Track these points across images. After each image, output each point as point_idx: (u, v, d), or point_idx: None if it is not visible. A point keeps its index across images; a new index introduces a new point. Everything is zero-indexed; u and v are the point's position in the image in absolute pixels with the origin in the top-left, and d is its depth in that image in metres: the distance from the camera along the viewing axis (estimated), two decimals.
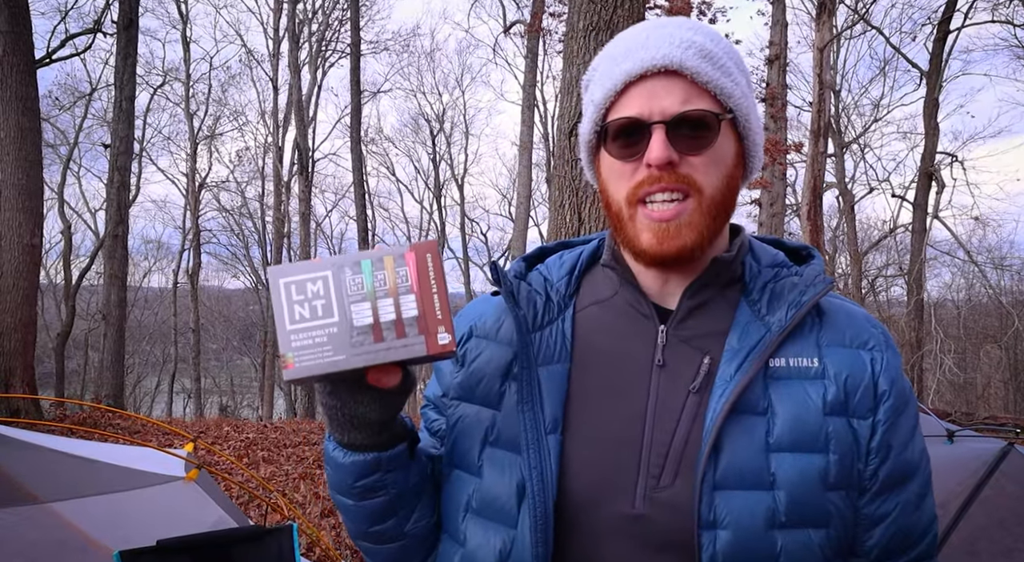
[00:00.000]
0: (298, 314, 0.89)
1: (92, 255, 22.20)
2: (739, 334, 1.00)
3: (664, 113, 0.97)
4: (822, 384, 0.98)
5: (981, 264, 21.53)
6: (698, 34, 1.00)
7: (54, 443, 3.25)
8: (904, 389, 1.01)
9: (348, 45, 20.37)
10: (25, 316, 9.62)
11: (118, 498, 3.01)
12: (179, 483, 3.09)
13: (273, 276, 0.90)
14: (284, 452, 8.89)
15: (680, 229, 0.99)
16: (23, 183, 9.60)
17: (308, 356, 0.88)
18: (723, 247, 1.07)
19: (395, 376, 0.93)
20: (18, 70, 9.64)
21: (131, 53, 13.95)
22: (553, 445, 1.00)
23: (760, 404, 0.97)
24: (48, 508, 2.99)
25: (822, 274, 1.05)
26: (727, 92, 0.99)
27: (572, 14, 5.08)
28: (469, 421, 1.08)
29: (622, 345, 1.05)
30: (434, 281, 0.90)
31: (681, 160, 0.98)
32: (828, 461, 0.95)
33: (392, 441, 1.03)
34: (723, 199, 1.01)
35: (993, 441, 3.31)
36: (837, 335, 1.01)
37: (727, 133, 1.01)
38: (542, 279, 1.14)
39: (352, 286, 0.89)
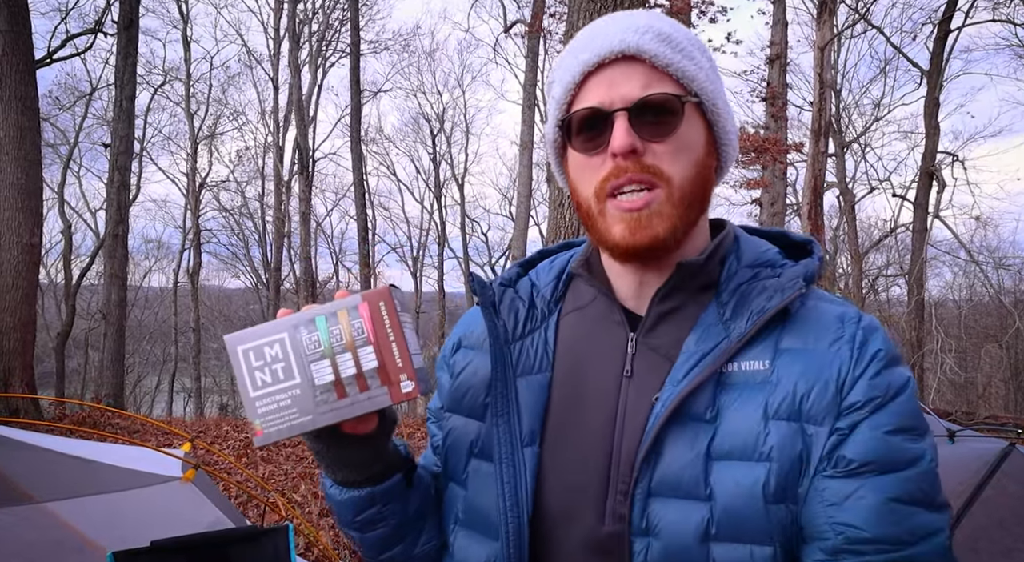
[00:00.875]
0: (260, 380, 0.89)
1: (92, 255, 22.20)
2: (697, 337, 0.95)
3: (625, 99, 0.93)
4: (769, 387, 0.90)
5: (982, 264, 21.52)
6: (656, 20, 0.96)
7: (51, 443, 3.24)
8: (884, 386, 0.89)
9: (348, 45, 20.35)
10: (24, 316, 9.61)
11: (114, 498, 3.00)
12: (176, 483, 3.09)
13: (231, 344, 0.90)
14: (283, 451, 8.88)
15: (651, 218, 0.94)
16: (22, 182, 9.60)
17: (275, 421, 0.88)
18: (700, 245, 1.02)
19: (371, 422, 0.94)
20: (17, 70, 9.63)
21: (131, 53, 13.95)
22: (529, 458, 0.98)
23: (707, 411, 0.91)
24: (45, 508, 2.98)
25: (800, 278, 0.96)
26: (689, 75, 0.95)
27: (572, 13, 5.07)
28: (457, 433, 1.07)
29: (596, 354, 1.02)
30: (390, 329, 0.90)
31: (646, 148, 0.94)
32: (768, 471, 0.87)
33: (385, 474, 1.03)
34: (694, 188, 0.96)
35: (994, 441, 3.30)
36: (798, 336, 0.93)
37: (694, 118, 0.97)
38: (529, 285, 1.12)
39: (309, 345, 0.89)
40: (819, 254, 1.02)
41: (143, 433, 9.17)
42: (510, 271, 1.16)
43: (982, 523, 3.00)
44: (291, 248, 25.36)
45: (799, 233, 1.09)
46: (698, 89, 0.96)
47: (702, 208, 0.99)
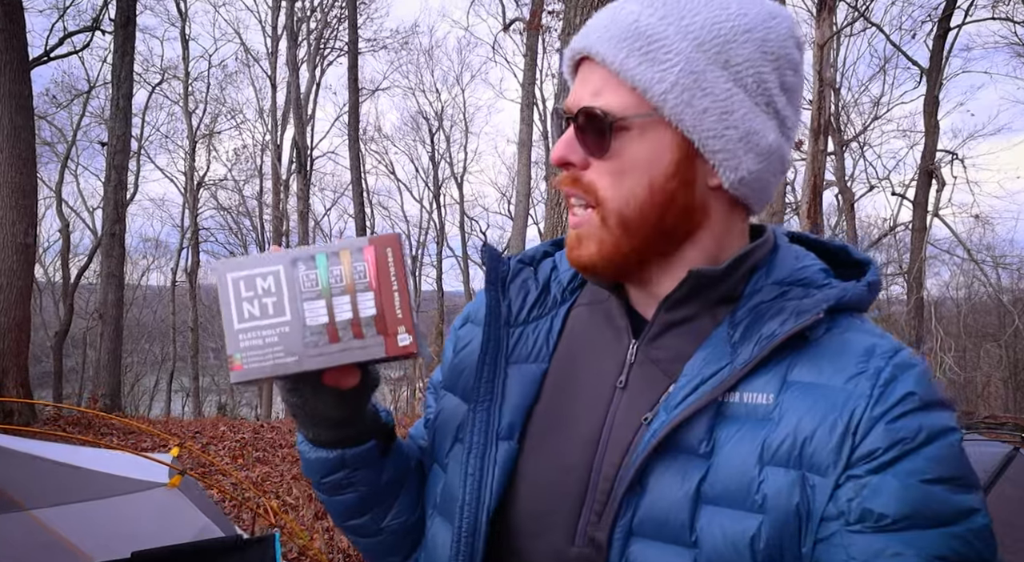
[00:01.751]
0: (247, 312, 0.82)
1: (90, 254, 22.14)
2: (701, 360, 0.84)
3: (578, 105, 0.85)
4: (769, 425, 0.78)
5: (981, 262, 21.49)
6: (648, 7, 0.83)
7: (39, 449, 3.20)
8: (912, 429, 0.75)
9: (346, 43, 20.30)
10: (19, 316, 9.57)
11: (100, 505, 2.95)
12: (161, 490, 3.03)
13: (220, 271, 0.83)
14: (279, 452, 8.83)
15: (580, 240, 0.87)
16: (16, 182, 9.56)
17: (256, 357, 0.81)
18: (715, 253, 0.88)
19: (354, 377, 0.85)
20: (12, 68, 9.60)
21: (128, 51, 13.91)
22: (503, 453, 0.90)
23: (702, 445, 0.80)
24: (32, 515, 2.95)
25: (828, 302, 0.82)
26: (644, 84, 0.81)
27: (569, 10, 5.01)
28: (448, 413, 1.01)
29: (596, 357, 0.93)
30: (395, 278, 0.82)
31: (589, 163, 0.85)
32: (760, 524, 0.75)
33: (359, 438, 0.95)
34: (642, 215, 0.83)
35: (998, 445, 3.26)
36: (812, 367, 0.80)
37: (652, 134, 0.83)
38: (550, 268, 1.03)
39: (306, 282, 0.82)
40: (871, 278, 0.87)
41: (139, 434, 9.12)
42: (538, 248, 1.07)
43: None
44: (289, 247, 25.22)
45: (861, 252, 0.94)
46: (657, 101, 0.81)
47: (664, 234, 0.86)
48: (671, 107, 0.81)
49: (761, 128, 0.84)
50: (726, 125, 0.83)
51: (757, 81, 0.83)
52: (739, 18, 0.83)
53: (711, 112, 0.82)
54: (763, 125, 0.85)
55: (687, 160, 0.84)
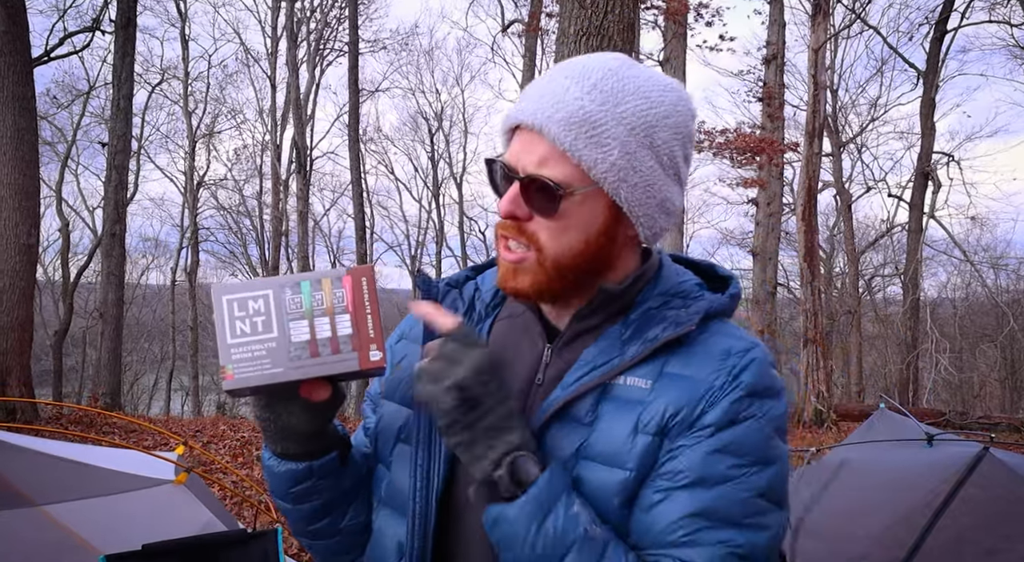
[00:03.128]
0: (239, 329, 0.94)
1: (90, 253, 22.21)
2: (596, 350, 1.04)
3: (523, 169, 1.00)
4: (644, 404, 0.99)
5: (977, 263, 21.60)
6: (588, 94, 0.98)
7: (47, 447, 3.29)
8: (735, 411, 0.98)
9: (346, 43, 20.38)
10: (21, 316, 9.64)
11: (108, 501, 3.05)
12: (168, 486, 3.14)
13: (216, 293, 0.95)
14: None
15: (518, 274, 1.03)
16: (19, 183, 9.62)
17: (247, 368, 0.93)
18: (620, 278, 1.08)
19: (325, 391, 0.99)
20: (15, 70, 9.66)
21: (129, 51, 13.97)
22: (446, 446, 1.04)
23: (587, 416, 1.00)
24: (42, 511, 3.03)
25: (701, 313, 1.04)
26: (588, 163, 0.97)
27: (563, 19, 5.12)
28: (389, 419, 1.16)
29: (518, 360, 1.10)
30: (368, 303, 0.97)
31: (531, 216, 1.01)
32: (626, 479, 0.97)
33: (323, 450, 1.09)
34: (575, 261, 1.02)
35: (970, 445, 3.36)
36: (684, 364, 1.01)
37: (591, 201, 1.00)
38: (473, 289, 1.20)
39: (291, 305, 0.95)
40: (733, 291, 1.10)
41: (140, 432, 9.22)
42: (460, 273, 1.25)
43: (967, 523, 3.07)
44: (289, 247, 25.37)
45: (725, 268, 1.18)
46: (598, 177, 0.98)
47: (587, 273, 1.04)
48: (610, 183, 0.99)
49: (672, 195, 1.06)
50: (648, 195, 1.03)
51: (670, 157, 1.04)
52: (659, 106, 1.01)
53: (639, 186, 1.01)
54: (673, 193, 1.06)
55: (615, 220, 1.04)
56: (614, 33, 4.80)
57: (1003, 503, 3.12)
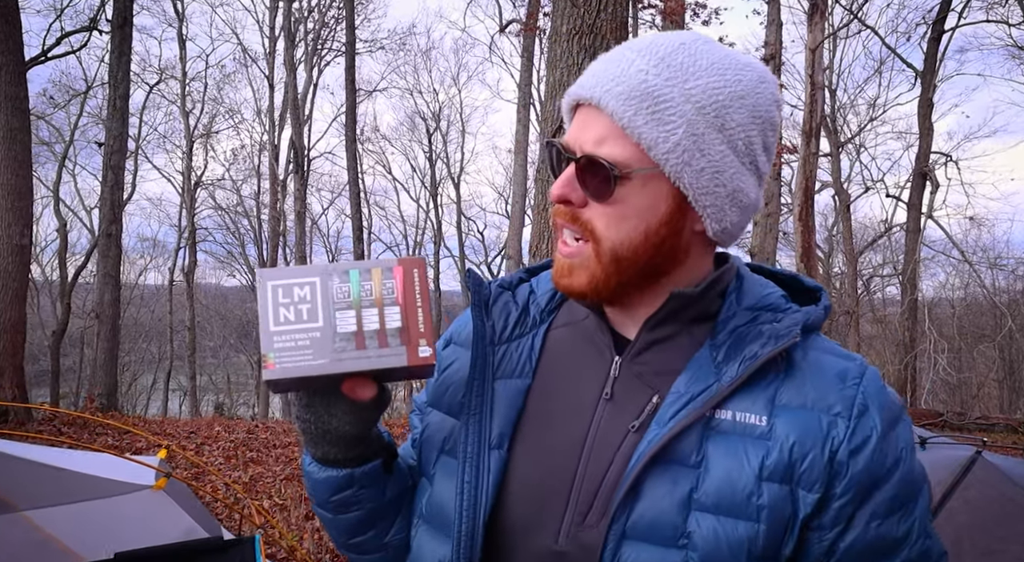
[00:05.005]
0: (283, 316, 0.89)
1: (87, 253, 22.12)
2: (688, 378, 0.93)
3: (581, 148, 0.92)
4: (765, 446, 0.88)
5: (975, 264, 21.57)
6: (655, 67, 0.89)
7: (27, 452, 3.27)
8: (881, 461, 0.89)
9: (344, 43, 20.33)
10: (15, 317, 9.60)
11: (87, 506, 3.01)
12: (147, 492, 3.10)
13: (261, 278, 0.90)
14: (273, 453, 8.89)
15: (573, 269, 0.95)
16: (12, 183, 9.57)
17: (289, 357, 0.87)
18: (692, 280, 0.98)
19: (370, 389, 0.92)
20: (8, 70, 9.61)
21: (125, 51, 13.93)
22: (495, 461, 0.97)
23: (692, 456, 0.89)
24: (25, 516, 3.01)
25: (799, 325, 0.93)
26: (648, 142, 0.88)
27: (555, 18, 5.08)
28: (434, 428, 1.07)
29: (579, 372, 1.01)
30: (419, 296, 0.91)
31: (587, 202, 0.92)
32: (756, 531, 0.86)
33: (366, 457, 1.02)
34: (635, 256, 0.92)
35: (964, 448, 3.34)
36: (797, 393, 0.90)
37: (651, 186, 0.90)
38: (527, 292, 1.12)
39: (339, 293, 0.90)
40: (825, 303, 0.99)
41: (134, 434, 9.18)
42: (514, 275, 1.16)
43: (964, 523, 3.08)
44: (286, 247, 25.34)
45: (811, 279, 1.06)
46: (659, 158, 0.88)
47: (648, 269, 0.94)
48: (672, 165, 0.89)
49: (745, 186, 0.94)
50: (717, 183, 0.91)
51: (746, 143, 0.92)
52: (735, 85, 0.90)
53: (706, 171, 0.90)
54: (747, 183, 0.94)
55: (679, 210, 0.93)
56: (607, 31, 4.75)
57: (996, 505, 3.12)
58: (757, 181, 0.96)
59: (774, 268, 1.08)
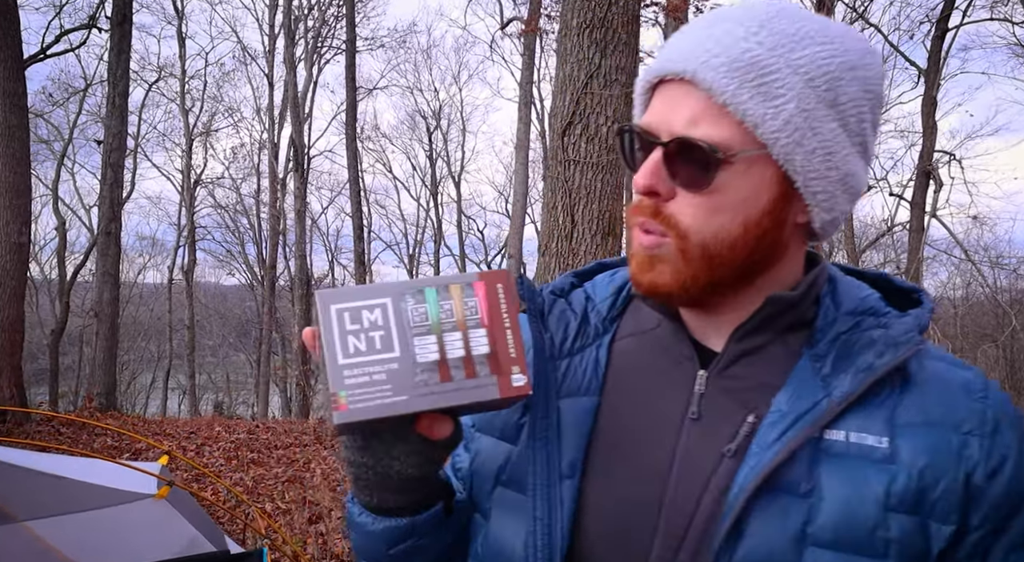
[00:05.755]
0: (352, 346, 0.75)
1: (86, 252, 22.05)
2: (791, 394, 0.81)
3: (669, 131, 0.80)
4: (889, 471, 0.76)
5: (978, 263, 21.50)
6: (755, 35, 0.78)
7: (29, 461, 3.18)
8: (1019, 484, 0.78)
9: (344, 41, 20.25)
10: (12, 315, 9.53)
11: (89, 517, 2.93)
12: (149, 501, 3.00)
13: (324, 301, 0.77)
14: (274, 454, 8.80)
15: (653, 262, 0.83)
16: (10, 181, 9.52)
17: (364, 396, 0.74)
18: (787, 282, 0.87)
19: (448, 426, 0.79)
20: (5, 66, 9.55)
21: (124, 49, 13.88)
22: (567, 493, 0.85)
23: (802, 484, 0.77)
24: (25, 527, 2.93)
25: (915, 331, 0.82)
26: (755, 119, 0.77)
27: (565, 11, 4.98)
28: (486, 456, 0.95)
29: (655, 388, 0.88)
30: (506, 315, 0.79)
31: (674, 192, 0.81)
32: None
33: (428, 500, 0.89)
34: (730, 253, 0.81)
35: None
36: (920, 410, 0.79)
37: (754, 171, 0.79)
38: (584, 298, 0.99)
39: (415, 316, 0.77)
40: (930, 305, 0.88)
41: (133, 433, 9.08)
42: (563, 280, 1.03)
43: None
44: (286, 245, 25.27)
45: (903, 280, 0.94)
46: (768, 138, 0.77)
47: (744, 268, 0.83)
48: (782, 146, 0.78)
49: (856, 170, 0.83)
50: (828, 166, 0.81)
51: (858, 121, 0.81)
52: (844, 54, 0.80)
53: (818, 153, 0.79)
54: (857, 167, 0.83)
55: (784, 199, 0.81)
56: (618, 25, 4.65)
57: None
58: (865, 166, 0.85)
59: (859, 268, 0.97)
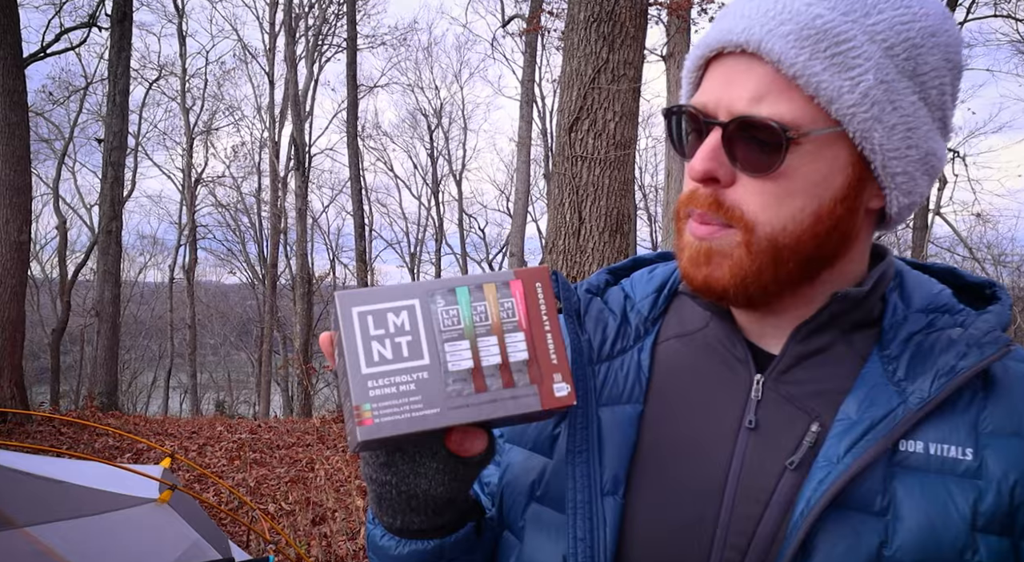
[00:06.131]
0: (377, 353, 0.68)
1: (87, 251, 22.00)
2: (861, 400, 0.73)
3: (729, 110, 0.72)
4: (976, 486, 0.68)
5: (982, 260, 21.42)
6: (823, 1, 0.70)
7: (29, 465, 3.12)
8: None
9: (344, 39, 20.17)
10: (13, 314, 9.47)
11: (91, 522, 2.86)
12: (151, 505, 2.94)
13: (344, 304, 0.69)
14: (277, 454, 8.73)
15: (710, 256, 0.74)
16: (10, 179, 9.46)
17: (391, 409, 0.67)
18: (853, 276, 0.79)
19: (481, 441, 0.71)
20: (5, 64, 9.50)
21: (125, 47, 13.83)
22: (610, 511, 0.77)
23: (877, 500, 0.69)
24: (25, 533, 2.87)
25: (998, 329, 0.74)
26: (830, 93, 0.69)
27: (572, 5, 4.91)
28: (517, 469, 0.87)
29: (705, 394, 0.81)
30: (546, 317, 0.71)
31: (736, 179, 0.73)
32: None
33: (458, 522, 0.82)
34: (800, 245, 0.73)
35: None
36: (1009, 418, 0.71)
37: (827, 152, 0.71)
38: (622, 296, 0.92)
39: (446, 320, 0.70)
40: (1009, 300, 0.80)
41: (135, 434, 9.02)
42: (598, 277, 0.96)
43: None
44: (287, 244, 25.21)
45: (974, 274, 0.87)
46: (843, 113, 0.69)
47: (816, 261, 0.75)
48: (860, 122, 0.70)
49: (937, 148, 0.76)
50: (909, 144, 0.73)
51: (939, 93, 0.74)
52: (924, 19, 0.71)
53: (898, 129, 0.72)
54: (938, 145, 0.76)
55: (858, 182, 0.73)
56: (626, 19, 4.58)
57: None
58: (945, 144, 0.77)
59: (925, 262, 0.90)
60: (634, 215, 13.79)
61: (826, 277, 0.77)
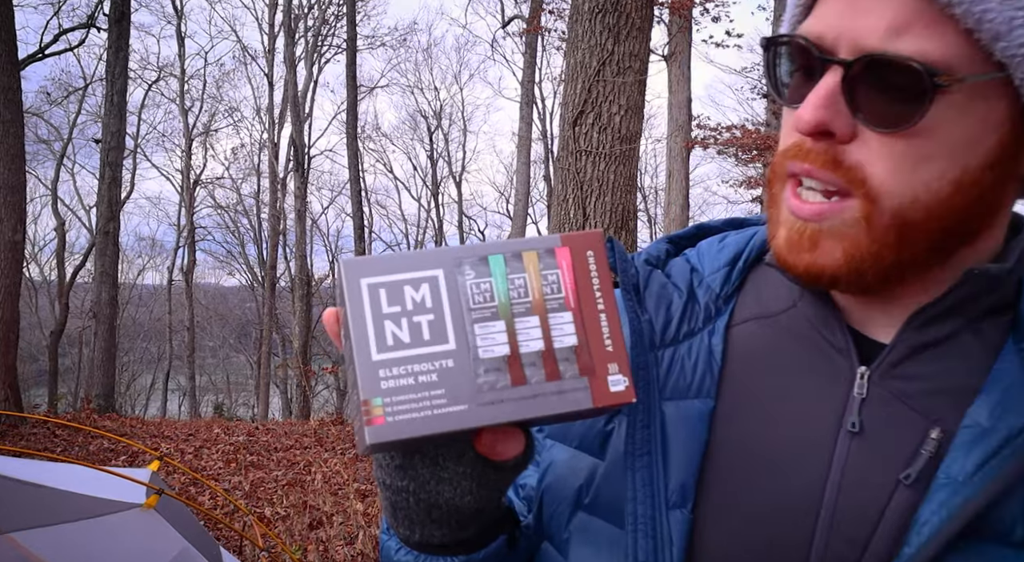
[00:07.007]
0: (390, 335, 0.54)
1: (86, 252, 21.91)
2: (994, 404, 0.59)
3: (853, 45, 0.56)
4: None
5: None
6: None
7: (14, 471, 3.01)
8: None
9: (344, 40, 20.10)
10: (6, 314, 9.37)
11: (77, 527, 2.74)
12: (137, 511, 2.82)
13: (351, 273, 0.55)
14: (274, 456, 8.62)
15: (818, 239, 0.60)
16: (5, 177, 9.37)
17: (408, 405, 0.53)
18: (989, 252, 0.65)
19: (517, 443, 0.57)
20: (0, 61, 9.38)
21: (123, 47, 13.77)
22: (677, 528, 0.65)
23: (1016, 529, 0.56)
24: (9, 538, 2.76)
25: None
26: (997, 29, 0.53)
27: None
28: (560, 471, 0.74)
29: (793, 388, 0.67)
30: (600, 293, 0.57)
31: (857, 134, 0.58)
32: None
33: (487, 535, 0.69)
34: (930, 218, 0.58)
35: None
36: None
37: (979, 103, 0.56)
38: (687, 269, 0.77)
39: (476, 295, 0.56)
40: None
41: (130, 436, 8.90)
42: (657, 246, 0.80)
43: None
44: (287, 246, 25.14)
45: None
46: (1008, 55, 0.54)
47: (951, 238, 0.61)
48: None
49: None
50: None
51: None
52: None
53: None
54: None
55: (1016, 145, 0.58)
56: (632, 10, 4.48)
57: None
58: None
59: None
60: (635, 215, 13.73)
61: (960, 257, 0.63)
